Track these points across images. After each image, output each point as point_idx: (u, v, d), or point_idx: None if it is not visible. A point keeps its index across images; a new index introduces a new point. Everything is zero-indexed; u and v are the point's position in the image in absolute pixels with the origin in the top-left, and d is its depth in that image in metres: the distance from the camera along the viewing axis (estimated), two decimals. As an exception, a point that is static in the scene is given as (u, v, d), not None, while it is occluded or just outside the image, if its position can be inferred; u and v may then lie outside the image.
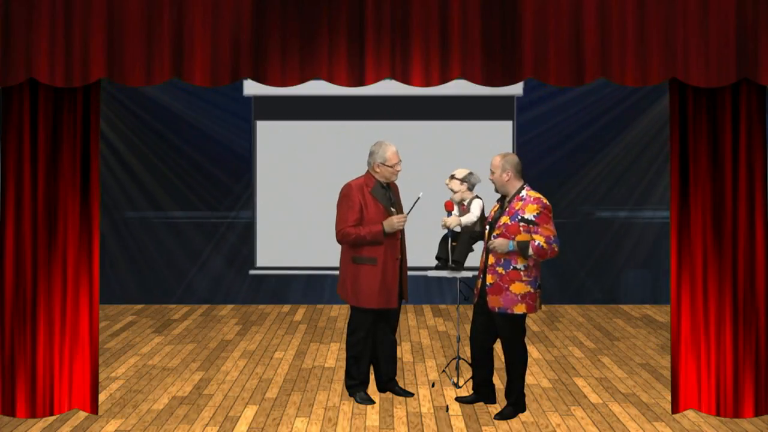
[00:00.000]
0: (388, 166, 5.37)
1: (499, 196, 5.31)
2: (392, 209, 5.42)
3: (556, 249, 5.01)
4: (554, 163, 8.89)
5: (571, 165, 8.93)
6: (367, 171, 5.46)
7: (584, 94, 8.81)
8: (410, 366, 6.40)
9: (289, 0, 4.86)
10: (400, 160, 5.42)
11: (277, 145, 9.04)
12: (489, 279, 5.13)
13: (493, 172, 5.18)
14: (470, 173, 5.70)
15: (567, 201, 8.88)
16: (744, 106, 5.03)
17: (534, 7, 4.86)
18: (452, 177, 5.73)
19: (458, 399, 5.51)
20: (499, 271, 5.08)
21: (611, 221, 9.01)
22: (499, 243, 5.06)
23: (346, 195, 5.38)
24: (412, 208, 5.46)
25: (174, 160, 8.93)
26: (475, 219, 5.58)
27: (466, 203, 5.68)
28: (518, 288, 5.05)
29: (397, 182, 5.66)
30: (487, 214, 5.47)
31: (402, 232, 5.46)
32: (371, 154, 5.42)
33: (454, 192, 5.71)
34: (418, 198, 5.43)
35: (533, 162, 8.60)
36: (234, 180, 9.01)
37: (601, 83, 8.25)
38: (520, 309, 5.05)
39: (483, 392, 5.44)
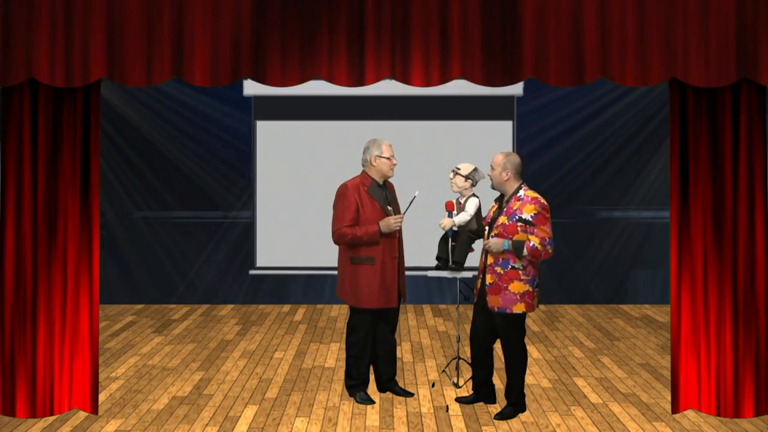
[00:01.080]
0: (384, 158, 5.38)
1: (497, 195, 5.31)
2: (389, 208, 5.42)
3: (550, 251, 5.02)
4: (554, 163, 8.90)
5: (571, 164, 8.92)
6: (363, 171, 5.47)
7: (584, 94, 8.80)
8: (410, 366, 6.40)
9: (289, 0, 4.87)
10: (395, 157, 5.43)
11: (277, 145, 9.04)
12: (488, 279, 5.13)
13: (493, 169, 5.18)
14: (475, 169, 5.56)
15: (566, 201, 8.88)
16: (744, 106, 5.03)
17: (534, 7, 4.86)
18: (456, 173, 5.56)
19: (458, 399, 5.51)
20: (498, 271, 5.09)
21: (611, 221, 9.01)
22: (494, 243, 5.07)
23: (342, 195, 5.38)
24: (408, 207, 5.46)
25: (174, 159, 8.93)
26: (468, 218, 5.52)
27: (463, 201, 5.61)
28: (517, 287, 5.05)
29: (397, 181, 5.67)
30: (485, 214, 5.45)
31: (399, 231, 5.46)
32: (366, 150, 5.44)
33: (458, 186, 5.58)
34: (414, 197, 5.42)
35: (533, 162, 8.62)
36: (234, 180, 9.02)
37: (602, 82, 8.25)
38: (519, 308, 5.06)
39: (483, 392, 5.44)
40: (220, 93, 8.83)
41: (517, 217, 5.04)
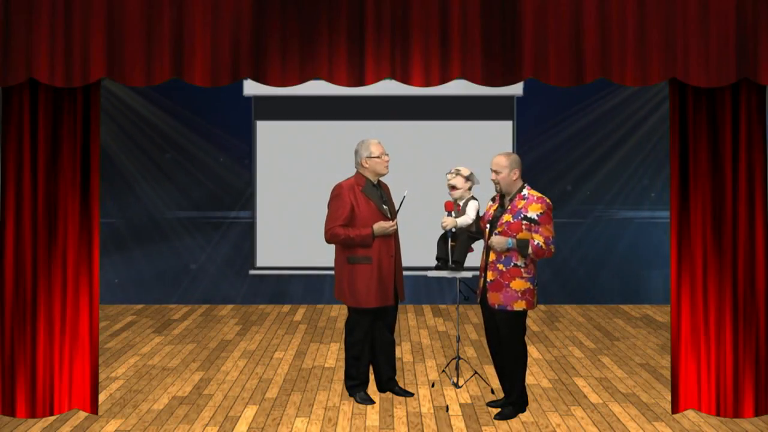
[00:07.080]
0: (375, 158, 5.38)
1: (492, 196, 5.31)
2: (384, 206, 5.43)
3: (553, 250, 5.03)
4: (554, 163, 8.90)
5: (571, 164, 8.93)
6: (357, 171, 5.47)
7: (584, 93, 8.80)
8: (410, 366, 6.40)
9: (289, 0, 4.87)
10: (387, 153, 5.43)
11: (277, 145, 9.04)
12: (489, 276, 5.12)
13: (499, 173, 5.12)
14: (472, 173, 5.68)
15: (567, 200, 8.88)
16: (744, 106, 5.03)
17: (534, 7, 4.86)
18: (458, 173, 5.61)
19: (489, 404, 5.43)
20: (500, 268, 5.08)
21: (611, 220, 9.01)
22: (497, 241, 5.07)
23: (337, 195, 5.38)
24: (399, 207, 5.46)
25: (173, 159, 8.94)
26: (470, 221, 5.55)
27: (462, 203, 5.64)
28: (518, 285, 5.05)
29: (396, 181, 5.66)
30: (482, 214, 5.45)
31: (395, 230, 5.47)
32: (356, 153, 5.45)
33: (457, 188, 5.64)
34: (404, 196, 5.42)
35: (532, 162, 8.62)
36: (234, 180, 9.02)
37: (602, 82, 8.25)
38: (519, 305, 5.06)
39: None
40: (220, 93, 8.83)
41: (522, 216, 5.03)
